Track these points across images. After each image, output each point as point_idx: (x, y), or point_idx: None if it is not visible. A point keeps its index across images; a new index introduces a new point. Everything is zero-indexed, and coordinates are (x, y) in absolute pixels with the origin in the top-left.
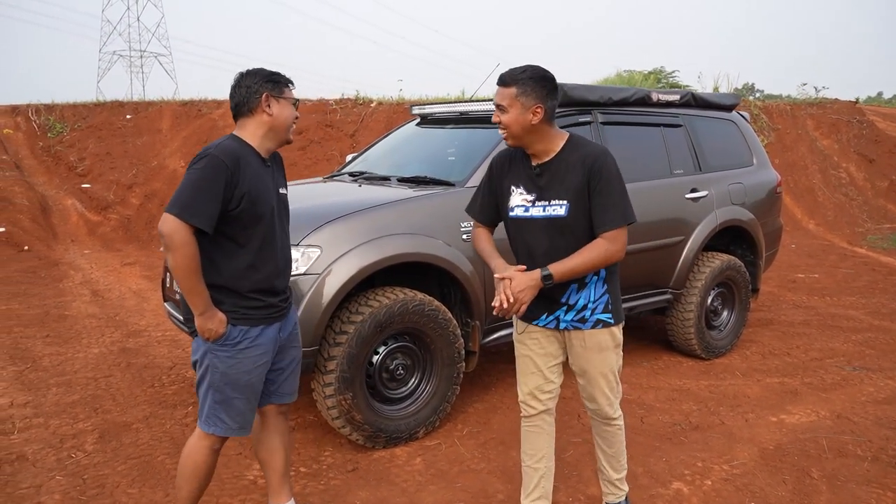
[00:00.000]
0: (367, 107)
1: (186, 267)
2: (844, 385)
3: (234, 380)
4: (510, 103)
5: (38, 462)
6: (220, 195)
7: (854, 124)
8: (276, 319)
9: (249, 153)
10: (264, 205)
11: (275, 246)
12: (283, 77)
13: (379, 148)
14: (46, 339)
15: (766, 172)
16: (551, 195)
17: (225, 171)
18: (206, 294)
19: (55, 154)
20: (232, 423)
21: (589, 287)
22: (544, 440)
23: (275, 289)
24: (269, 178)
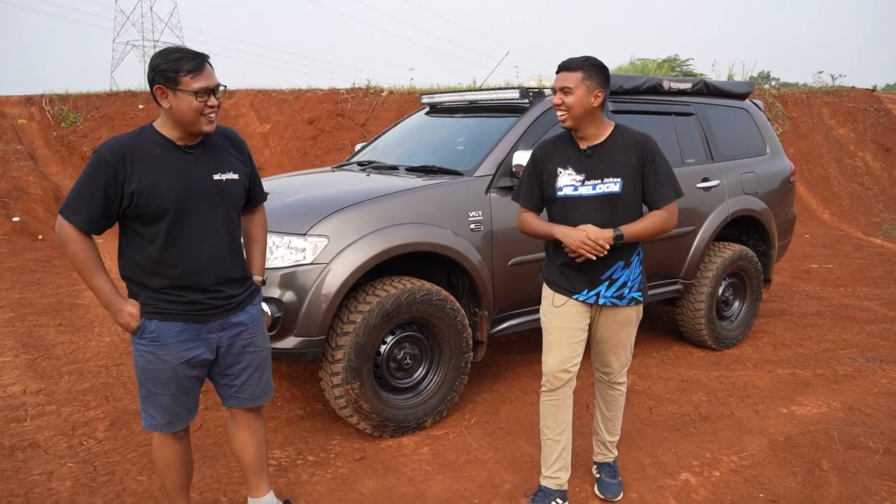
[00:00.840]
0: (378, 96)
1: (77, 263)
2: (857, 377)
3: (153, 375)
4: (576, 85)
5: (50, 449)
6: (99, 195)
7: (871, 112)
8: (204, 318)
9: (153, 144)
10: (164, 199)
11: (189, 241)
12: (184, 63)
13: (388, 137)
14: (59, 327)
15: (780, 161)
16: (604, 174)
17: (105, 170)
18: (106, 288)
19: (69, 144)
20: (160, 418)
21: (632, 266)
22: (565, 413)
23: (195, 286)
24: (185, 167)
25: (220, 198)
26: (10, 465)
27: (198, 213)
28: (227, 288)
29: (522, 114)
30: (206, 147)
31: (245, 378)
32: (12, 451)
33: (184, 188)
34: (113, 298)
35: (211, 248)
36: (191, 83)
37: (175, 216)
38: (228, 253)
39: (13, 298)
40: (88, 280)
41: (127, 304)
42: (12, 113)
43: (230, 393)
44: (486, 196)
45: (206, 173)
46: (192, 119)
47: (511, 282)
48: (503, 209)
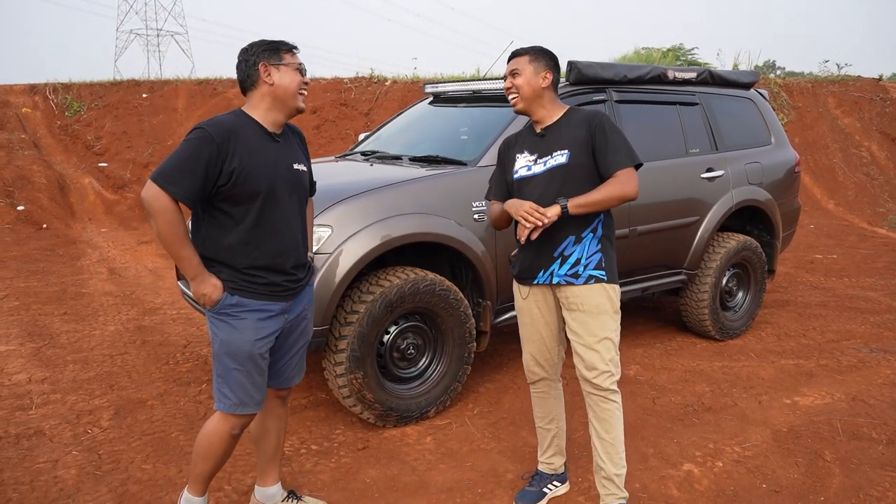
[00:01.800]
0: (381, 85)
1: (169, 233)
2: (861, 367)
3: (233, 350)
4: (523, 67)
5: (55, 437)
6: (201, 170)
7: (877, 102)
8: (279, 298)
9: (249, 127)
10: (259, 181)
11: (275, 224)
12: (283, 44)
13: (391, 127)
14: (64, 316)
15: (785, 152)
16: (553, 149)
17: (210, 146)
18: (195, 258)
19: (72, 133)
20: (233, 397)
21: (584, 242)
22: (552, 403)
23: (277, 267)
24: (274, 153)
25: (297, 186)
26: (16, 453)
27: (282, 198)
28: (299, 271)
29: None
30: (286, 138)
31: (289, 358)
32: (18, 440)
33: (274, 173)
34: (200, 269)
35: (291, 233)
36: (291, 59)
37: (265, 198)
38: (302, 238)
39: (18, 287)
40: (178, 250)
41: (212, 276)
42: (16, 102)
43: (273, 371)
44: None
45: (288, 162)
46: (293, 93)
47: None
48: None
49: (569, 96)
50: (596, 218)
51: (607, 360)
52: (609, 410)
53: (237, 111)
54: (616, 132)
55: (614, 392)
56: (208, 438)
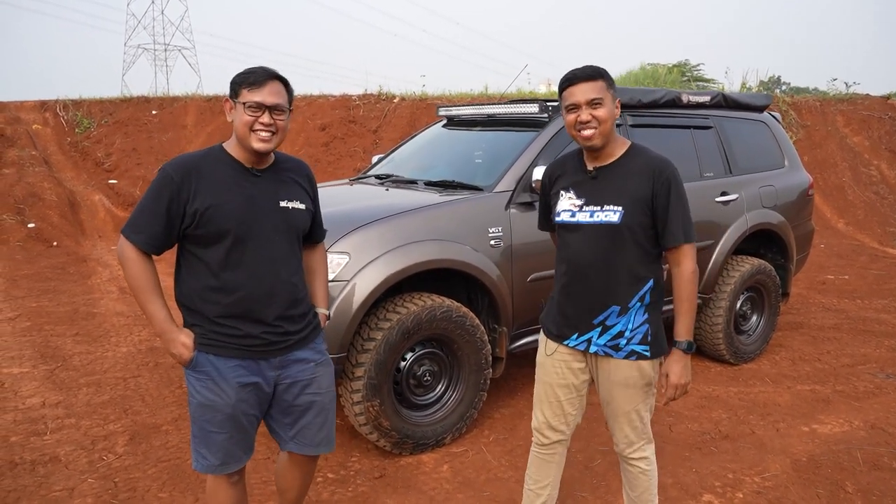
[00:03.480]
0: (389, 102)
1: (134, 286)
2: (878, 393)
3: (208, 413)
4: (604, 95)
5: (71, 464)
6: (163, 213)
7: (886, 121)
8: (260, 354)
9: (221, 163)
10: (226, 220)
11: (251, 267)
12: (245, 78)
13: (405, 150)
14: (76, 337)
15: (798, 174)
16: (604, 200)
17: (170, 187)
18: (161, 314)
19: (82, 149)
20: (213, 458)
21: (630, 313)
22: (553, 469)
23: (253, 316)
24: (249, 189)
25: (285, 225)
26: (32, 481)
27: (261, 237)
28: (286, 323)
29: (542, 128)
30: (274, 172)
31: (305, 422)
32: (34, 466)
33: (248, 210)
34: (167, 326)
35: (273, 276)
36: (247, 95)
37: (236, 238)
38: (292, 285)
39: (29, 307)
40: (144, 304)
41: (181, 333)
42: (27, 118)
43: (289, 436)
44: (506, 212)
45: (272, 198)
46: (243, 133)
47: (530, 297)
48: (523, 225)
49: None
50: (646, 284)
51: (628, 433)
52: (632, 473)
53: (216, 146)
54: (682, 196)
55: (637, 460)
56: (213, 497)
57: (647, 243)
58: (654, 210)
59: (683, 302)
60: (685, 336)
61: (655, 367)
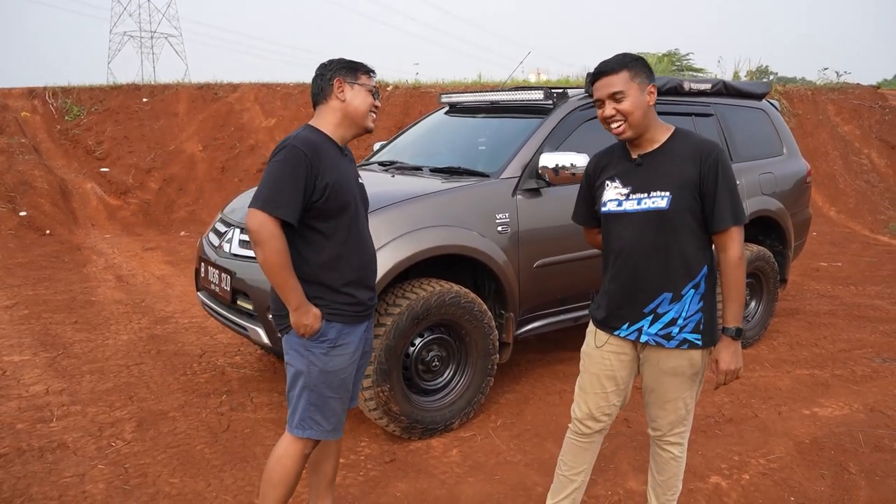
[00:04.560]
0: (383, 90)
1: (276, 262)
2: (875, 377)
3: (331, 379)
4: (627, 87)
5: (79, 450)
6: (302, 186)
7: (876, 110)
8: (365, 318)
9: (325, 142)
10: (347, 194)
11: (362, 236)
12: (361, 65)
13: (407, 136)
14: (75, 325)
15: (797, 162)
16: (651, 186)
17: (304, 161)
18: (299, 288)
19: (73, 137)
20: (327, 424)
21: (684, 300)
22: (589, 456)
23: (364, 282)
24: (348, 167)
25: (365, 201)
26: (42, 467)
27: (359, 211)
28: (375, 290)
29: (546, 115)
30: (349, 154)
31: (361, 374)
32: (42, 453)
33: (355, 185)
34: (304, 299)
35: (371, 246)
36: (367, 80)
37: (352, 212)
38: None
39: (26, 295)
40: (286, 280)
41: (312, 306)
42: (15, 106)
43: None
44: (513, 198)
45: (356, 175)
46: (364, 113)
47: (537, 283)
48: (529, 211)
49: (588, 107)
50: (700, 271)
51: (672, 420)
52: (664, 458)
53: (308, 127)
54: (729, 178)
55: (673, 444)
56: (282, 464)
57: (700, 228)
58: (702, 194)
59: (731, 289)
60: (733, 322)
61: (706, 356)
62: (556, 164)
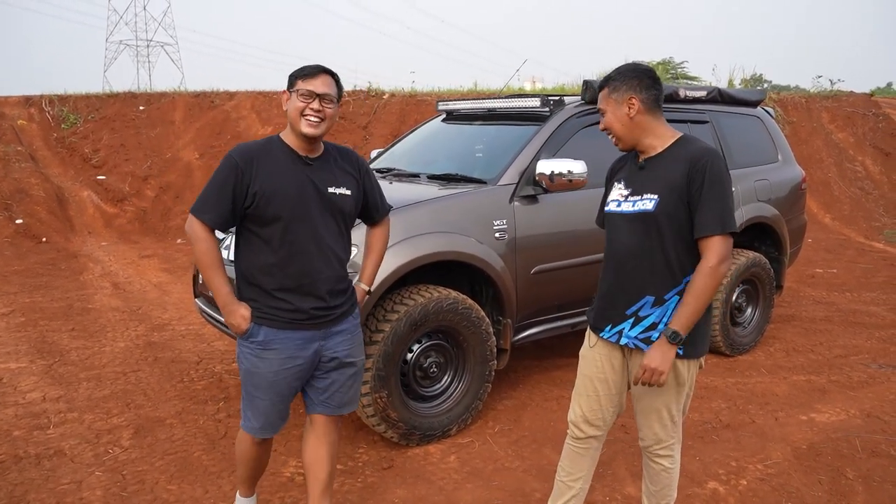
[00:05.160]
0: (379, 99)
1: (202, 262)
2: (871, 383)
3: (256, 379)
4: (605, 104)
5: (76, 457)
6: (229, 193)
7: (870, 117)
8: (308, 327)
9: (278, 151)
10: (281, 203)
11: (301, 246)
12: (300, 70)
13: (404, 144)
14: (72, 332)
15: (792, 169)
16: (645, 189)
17: (234, 170)
18: (227, 289)
19: (69, 145)
20: (254, 421)
21: (667, 305)
22: (587, 463)
23: (305, 290)
24: (302, 174)
25: (332, 209)
26: (39, 474)
27: (312, 220)
28: (332, 298)
29: (543, 122)
30: (325, 161)
31: (338, 385)
32: (39, 460)
33: (300, 195)
34: (230, 299)
35: (323, 256)
36: (301, 85)
37: (289, 219)
38: (338, 263)
39: (23, 303)
40: (211, 278)
41: (241, 306)
42: (11, 114)
43: (319, 399)
44: (510, 205)
45: (322, 185)
46: (294, 118)
47: (534, 290)
48: (527, 217)
49: (584, 114)
50: (685, 277)
51: (657, 430)
52: (655, 470)
53: (274, 136)
54: (718, 184)
55: (662, 457)
56: (239, 447)
57: (687, 234)
58: (689, 198)
59: (692, 293)
60: (677, 325)
61: (692, 368)
62: (552, 171)
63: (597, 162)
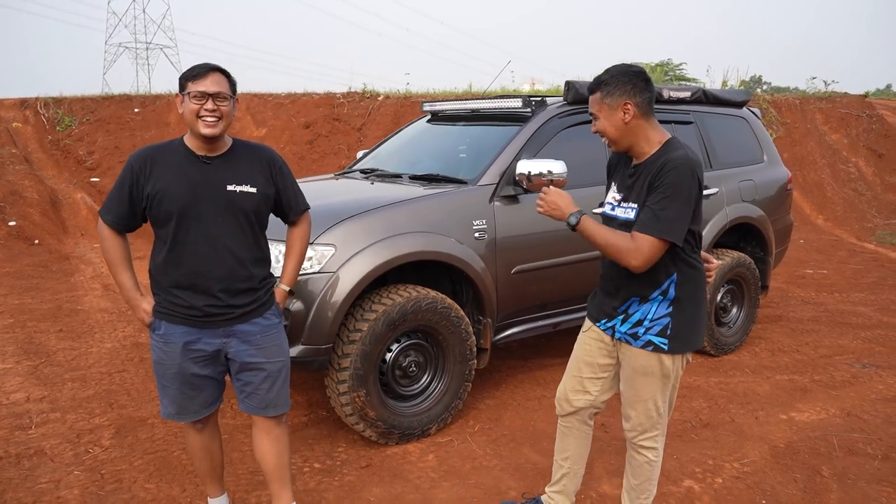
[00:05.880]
0: (374, 100)
1: (107, 259)
2: (854, 382)
3: (161, 369)
4: (598, 108)
5: (56, 457)
6: (126, 194)
7: (863, 118)
8: (203, 324)
9: (175, 152)
10: (172, 203)
11: (192, 244)
12: (187, 73)
13: (390, 144)
14: (60, 333)
15: (777, 169)
16: (630, 197)
17: (130, 173)
18: (128, 284)
19: (64, 148)
20: (170, 407)
21: (651, 303)
22: (571, 441)
23: (198, 288)
24: (198, 174)
25: (232, 208)
26: (18, 474)
27: (206, 219)
28: (229, 297)
29: (525, 123)
30: (227, 160)
31: (253, 387)
32: (18, 459)
33: (192, 194)
34: (132, 294)
35: (217, 255)
36: (192, 86)
37: (180, 219)
38: (236, 262)
39: (12, 304)
40: (115, 275)
41: (143, 301)
42: (6, 116)
43: (241, 396)
44: (491, 205)
45: (219, 183)
46: (191, 120)
47: (514, 289)
48: (507, 217)
49: (566, 115)
50: (667, 279)
51: (642, 420)
52: (637, 461)
53: (176, 138)
54: (671, 190)
55: (647, 448)
56: (185, 438)
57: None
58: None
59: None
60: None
61: (676, 361)
62: (532, 171)
63: (579, 162)
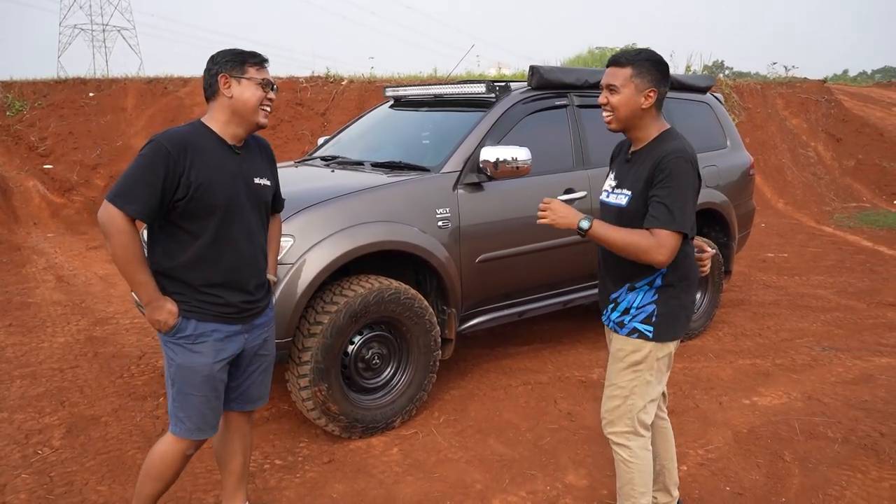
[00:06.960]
0: (338, 85)
1: (123, 256)
2: (814, 366)
3: (190, 376)
4: (624, 83)
5: (3, 459)
6: (158, 184)
7: (822, 103)
8: (237, 320)
9: (207, 139)
10: (217, 195)
11: (233, 240)
12: (251, 56)
13: (351, 131)
14: (9, 328)
15: (740, 155)
16: (624, 184)
17: (166, 159)
18: (150, 284)
19: (14, 133)
20: (189, 422)
21: (638, 291)
22: (654, 438)
23: (235, 285)
24: (234, 166)
25: (258, 200)
26: None
27: (243, 212)
28: (258, 291)
29: (489, 108)
30: (249, 151)
31: (252, 380)
32: None
33: (233, 187)
34: (156, 295)
35: (252, 250)
36: (256, 73)
37: (226, 214)
38: (263, 256)
39: None
40: (133, 274)
41: (168, 301)
42: None
43: (234, 395)
44: (454, 192)
45: (249, 176)
46: (253, 108)
47: (479, 278)
48: (471, 205)
49: (531, 101)
50: (656, 269)
51: (609, 408)
52: (615, 459)
53: (196, 122)
54: (676, 182)
55: (617, 445)
56: (161, 459)
57: None
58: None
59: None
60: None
61: (656, 350)
62: (496, 158)
63: (543, 149)
